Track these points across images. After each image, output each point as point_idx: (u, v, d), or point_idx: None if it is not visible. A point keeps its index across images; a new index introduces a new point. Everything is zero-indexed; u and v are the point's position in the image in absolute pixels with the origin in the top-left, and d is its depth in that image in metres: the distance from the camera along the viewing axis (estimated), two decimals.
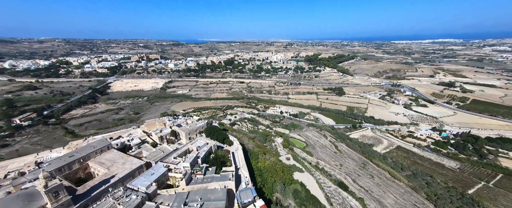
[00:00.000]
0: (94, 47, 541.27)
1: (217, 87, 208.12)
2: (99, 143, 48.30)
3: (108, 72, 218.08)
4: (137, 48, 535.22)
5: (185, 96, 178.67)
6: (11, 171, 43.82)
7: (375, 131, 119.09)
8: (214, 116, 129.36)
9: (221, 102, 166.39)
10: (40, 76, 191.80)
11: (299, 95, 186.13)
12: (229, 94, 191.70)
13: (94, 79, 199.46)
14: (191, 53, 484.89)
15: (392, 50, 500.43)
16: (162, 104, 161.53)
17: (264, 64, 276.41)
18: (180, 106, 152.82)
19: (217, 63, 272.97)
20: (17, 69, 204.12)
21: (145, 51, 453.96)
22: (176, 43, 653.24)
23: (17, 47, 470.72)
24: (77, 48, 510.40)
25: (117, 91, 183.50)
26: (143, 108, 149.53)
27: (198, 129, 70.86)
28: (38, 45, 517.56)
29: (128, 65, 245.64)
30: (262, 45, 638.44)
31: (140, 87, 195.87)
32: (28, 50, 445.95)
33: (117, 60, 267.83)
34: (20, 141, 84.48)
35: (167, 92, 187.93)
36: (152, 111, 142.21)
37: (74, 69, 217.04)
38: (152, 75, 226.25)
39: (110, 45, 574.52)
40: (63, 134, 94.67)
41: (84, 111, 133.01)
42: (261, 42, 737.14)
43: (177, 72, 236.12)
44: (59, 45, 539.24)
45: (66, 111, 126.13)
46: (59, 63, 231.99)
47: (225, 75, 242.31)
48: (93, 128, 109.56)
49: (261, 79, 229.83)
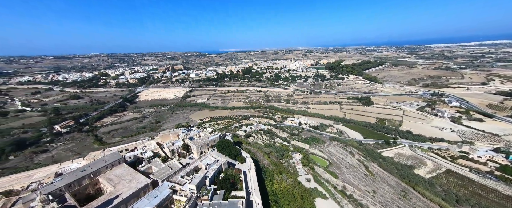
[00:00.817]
0: (130, 60, 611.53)
1: (235, 96, 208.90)
2: (111, 156, 48.36)
3: (138, 82, 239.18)
4: (165, 60, 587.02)
5: (204, 105, 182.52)
6: (34, 181, 46.10)
7: (414, 149, 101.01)
8: (229, 126, 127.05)
9: (237, 112, 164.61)
10: (84, 87, 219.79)
11: (319, 105, 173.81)
12: (246, 103, 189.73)
13: (126, 89, 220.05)
14: (212, 63, 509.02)
15: (428, 55, 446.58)
16: (182, 112, 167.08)
17: (282, 72, 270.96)
18: (198, 115, 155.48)
19: (235, 72, 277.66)
20: (67, 81, 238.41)
21: (171, 62, 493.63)
22: (199, 54, 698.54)
23: (72, 62, 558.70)
24: (117, 61, 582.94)
25: (144, 100, 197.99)
26: (164, 116, 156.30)
27: (210, 143, 67.87)
28: (88, 60, 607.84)
29: (155, 75, 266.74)
30: (281, 54, 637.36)
31: (163, 96, 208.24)
32: (79, 65, 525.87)
33: (146, 71, 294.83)
34: (57, 147, 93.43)
35: (187, 101, 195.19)
36: (172, 120, 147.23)
37: (111, 80, 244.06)
38: (175, 85, 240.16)
39: (143, 58, 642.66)
40: (92, 141, 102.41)
41: (114, 118, 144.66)
42: (279, 51, 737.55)
43: (197, 82, 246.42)
44: (103, 60, 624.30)
45: (99, 118, 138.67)
46: (99, 75, 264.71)
47: (243, 84, 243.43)
48: (119, 135, 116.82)
49: (279, 88, 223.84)
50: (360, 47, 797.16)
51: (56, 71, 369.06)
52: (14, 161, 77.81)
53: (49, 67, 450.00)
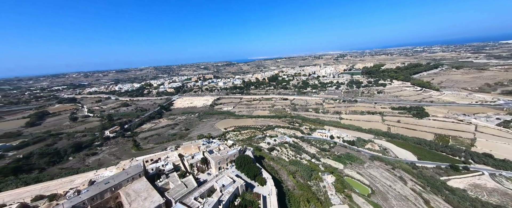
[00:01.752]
0: (171, 71, 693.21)
1: (260, 104, 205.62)
2: (133, 169, 49.71)
3: (174, 91, 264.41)
4: (198, 70, 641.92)
5: (229, 113, 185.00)
6: (73, 187, 51.09)
7: (500, 180, 74.31)
8: (252, 137, 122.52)
9: (262, 121, 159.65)
10: (132, 96, 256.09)
11: (355, 116, 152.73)
12: (271, 111, 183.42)
13: (164, 97, 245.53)
14: (240, 71, 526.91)
15: (505, 53, 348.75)
16: (209, 120, 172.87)
17: (311, 79, 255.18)
18: (223, 124, 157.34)
19: (261, 80, 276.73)
20: (121, 91, 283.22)
21: (203, 72, 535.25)
22: (229, 63, 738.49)
23: (128, 75, 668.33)
24: (160, 73, 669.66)
25: (177, 107, 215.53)
26: (192, 124, 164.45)
27: (229, 158, 64.18)
28: (139, 72, 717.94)
29: (188, 85, 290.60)
30: (309, 59, 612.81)
31: (194, 104, 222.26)
32: (133, 76, 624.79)
33: (181, 81, 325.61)
34: (104, 151, 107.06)
35: (214, 109, 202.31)
36: (199, 128, 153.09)
37: (153, 90, 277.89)
38: (204, 93, 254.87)
39: (181, 69, 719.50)
40: (131, 146, 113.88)
41: (151, 125, 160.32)
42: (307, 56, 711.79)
43: (225, 90, 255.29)
44: (150, 72, 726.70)
45: (139, 125, 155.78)
46: (145, 85, 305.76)
47: (268, 91, 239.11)
48: (153, 141, 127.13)
49: (307, 96, 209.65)
50: (404, 48, 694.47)
51: (116, 82, 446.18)
52: (71, 162, 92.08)
53: (111, 79, 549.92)
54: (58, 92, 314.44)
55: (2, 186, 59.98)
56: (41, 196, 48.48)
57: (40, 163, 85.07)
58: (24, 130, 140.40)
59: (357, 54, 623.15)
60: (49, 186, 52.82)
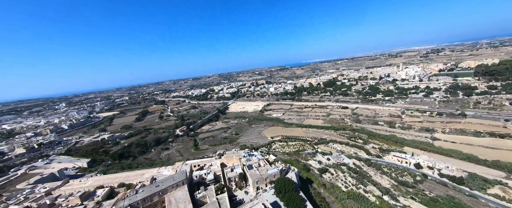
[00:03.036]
0: (231, 77, 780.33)
1: (312, 112, 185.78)
2: (179, 175, 54.45)
3: (230, 96, 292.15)
4: (254, 75, 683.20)
5: (278, 121, 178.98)
6: (141, 181, 63.17)
7: None
8: (300, 151, 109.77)
9: (313, 132, 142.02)
10: (199, 100, 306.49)
11: (463, 137, 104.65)
12: (325, 121, 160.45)
13: (222, 102, 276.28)
14: (293, 76, 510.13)
15: None
16: (257, 126, 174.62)
17: (383, 83, 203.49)
18: (270, 131, 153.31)
19: (315, 85, 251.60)
20: (193, 95, 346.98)
21: (258, 77, 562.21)
22: (282, 68, 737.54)
23: (200, 82, 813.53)
24: (222, 79, 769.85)
25: (231, 112, 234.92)
26: (242, 129, 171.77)
27: (268, 177, 58.15)
28: (208, 79, 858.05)
29: (243, 90, 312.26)
30: (380, 59, 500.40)
31: (246, 109, 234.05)
32: (203, 83, 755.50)
33: (237, 86, 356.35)
34: (173, 147, 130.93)
35: (264, 115, 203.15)
36: (247, 133, 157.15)
37: (214, 95, 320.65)
38: (256, 99, 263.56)
39: (239, 75, 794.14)
40: (191, 145, 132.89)
41: (209, 127, 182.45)
42: (378, 56, 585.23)
43: (275, 96, 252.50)
44: (215, 78, 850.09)
45: (201, 126, 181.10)
46: (209, 91, 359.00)
47: (324, 98, 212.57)
48: (208, 143, 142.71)
49: (376, 105, 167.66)
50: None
51: (191, 88, 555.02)
52: (152, 153, 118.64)
53: (189, 85, 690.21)
54: (156, 96, 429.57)
55: (110, 168, 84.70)
56: (123, 184, 62.90)
57: (134, 151, 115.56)
58: (133, 124, 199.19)
59: (463, 47, 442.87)
60: (128, 176, 68.18)
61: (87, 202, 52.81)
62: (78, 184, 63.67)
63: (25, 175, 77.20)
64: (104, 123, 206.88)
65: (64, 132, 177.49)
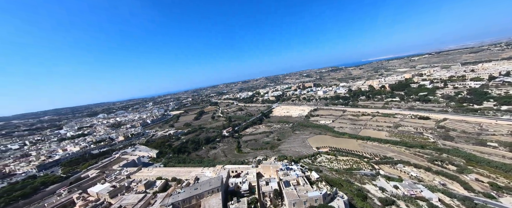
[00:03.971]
0: (277, 80, 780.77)
1: (373, 121, 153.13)
2: (215, 181, 56.27)
3: (275, 99, 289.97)
4: (301, 77, 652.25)
5: (326, 128, 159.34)
6: (188, 178, 70.62)
7: None
8: (353, 169, 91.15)
9: (373, 147, 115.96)
10: (246, 102, 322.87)
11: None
12: (392, 134, 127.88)
13: (266, 105, 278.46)
14: (348, 77, 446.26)
15: None
16: (302, 133, 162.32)
17: (498, 85, 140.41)
18: (316, 140, 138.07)
19: (378, 88, 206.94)
20: (240, 98, 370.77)
21: (305, 80, 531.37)
22: (335, 68, 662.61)
23: (248, 84, 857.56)
24: (269, 82, 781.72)
25: (275, 115, 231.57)
26: (285, 135, 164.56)
27: (308, 202, 50.15)
28: (255, 82, 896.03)
29: (288, 93, 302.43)
30: (491, 51, 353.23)
31: (290, 114, 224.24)
32: (251, 85, 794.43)
33: (283, 89, 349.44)
34: (219, 147, 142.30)
35: (309, 121, 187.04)
36: (290, 140, 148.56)
37: (259, 98, 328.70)
38: (301, 103, 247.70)
39: (285, 78, 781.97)
40: (235, 147, 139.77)
41: (252, 130, 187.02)
42: (485, 47, 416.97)
43: (324, 100, 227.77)
44: (262, 81, 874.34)
45: (245, 128, 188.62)
46: (255, 94, 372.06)
47: (390, 104, 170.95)
48: (250, 146, 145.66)
49: (482, 117, 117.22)
50: None
51: (240, 91, 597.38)
52: (202, 151, 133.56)
53: (238, 88, 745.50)
54: (211, 98, 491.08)
55: (170, 160, 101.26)
56: (175, 178, 72.61)
57: (189, 148, 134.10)
58: (192, 122, 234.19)
59: None
60: (180, 171, 78.20)
61: (148, 190, 64.11)
62: (146, 172, 79.39)
63: (119, 158, 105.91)
64: (173, 120, 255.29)
65: (148, 125, 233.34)
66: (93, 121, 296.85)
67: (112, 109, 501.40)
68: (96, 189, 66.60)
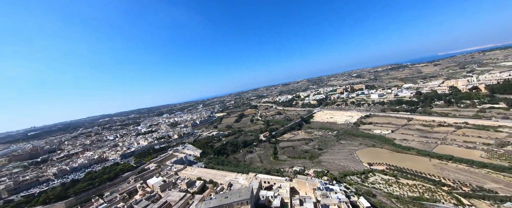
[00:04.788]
0: (321, 82, 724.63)
1: (457, 135, 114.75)
2: (245, 192, 54.74)
3: (316, 103, 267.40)
4: (350, 78, 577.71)
5: (383, 140, 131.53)
6: (222, 183, 72.94)
7: None
8: (423, 200, 69.19)
9: (458, 172, 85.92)
10: (285, 106, 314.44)
11: None
12: (493, 156, 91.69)
13: (307, 109, 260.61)
14: (417, 76, 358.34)
15: None
16: (349, 143, 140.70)
17: None
18: (368, 154, 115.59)
19: (466, 90, 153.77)
20: (279, 101, 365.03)
21: (355, 81, 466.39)
22: (396, 66, 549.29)
23: (288, 87, 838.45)
24: (311, 84, 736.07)
25: (316, 121, 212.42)
26: (327, 144, 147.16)
27: None
28: (296, 85, 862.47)
29: (332, 96, 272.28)
30: None
31: (334, 120, 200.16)
32: (291, 88, 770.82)
33: (326, 92, 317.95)
34: (256, 152, 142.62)
35: (359, 130, 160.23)
36: (333, 151, 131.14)
37: (299, 101, 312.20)
38: (349, 107, 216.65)
39: (330, 79, 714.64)
40: (271, 153, 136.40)
41: (290, 136, 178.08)
42: None
43: (379, 105, 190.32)
44: (303, 84, 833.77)
45: (282, 133, 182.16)
46: (295, 97, 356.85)
47: (488, 112, 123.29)
48: (287, 153, 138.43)
49: None
50: None
51: (279, 94, 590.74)
52: (239, 154, 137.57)
53: (278, 91, 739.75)
54: (251, 101, 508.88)
55: (210, 161, 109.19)
56: (211, 180, 76.81)
57: (228, 150, 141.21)
58: (233, 124, 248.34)
59: None
60: (216, 174, 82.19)
61: (189, 189, 70.28)
62: (189, 171, 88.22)
63: (171, 155, 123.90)
64: (216, 122, 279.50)
65: (196, 125, 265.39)
66: (159, 119, 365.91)
67: (173, 109, 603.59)
68: (152, 181, 79.09)
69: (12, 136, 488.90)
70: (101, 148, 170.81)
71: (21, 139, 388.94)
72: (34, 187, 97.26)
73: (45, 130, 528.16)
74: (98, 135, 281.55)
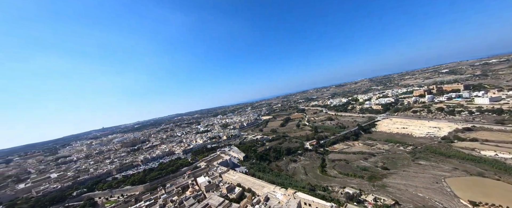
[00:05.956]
0: (388, 81, 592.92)
1: None
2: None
3: (381, 109, 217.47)
4: (436, 75, 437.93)
5: (501, 168, 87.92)
6: (259, 195, 70.24)
7: None
8: None
9: None
10: (338, 111, 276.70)
11: None
12: None
13: (367, 115, 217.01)
14: None
15: None
16: (433, 165, 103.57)
17: None
18: (469, 186, 79.84)
19: None
20: (331, 105, 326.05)
21: (446, 79, 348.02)
22: None
23: (343, 88, 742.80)
24: (375, 84, 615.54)
25: (380, 131, 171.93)
26: (396, 162, 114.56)
27: None
28: (353, 86, 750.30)
29: (405, 100, 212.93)
30: None
31: (408, 131, 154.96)
32: (347, 90, 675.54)
33: (396, 95, 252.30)
34: (300, 161, 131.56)
35: (453, 148, 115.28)
36: (408, 173, 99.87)
37: (357, 105, 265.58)
38: (434, 116, 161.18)
39: (404, 77, 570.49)
40: (318, 165, 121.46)
41: (343, 146, 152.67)
42: None
43: (491, 114, 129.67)
44: (364, 84, 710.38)
45: (333, 143, 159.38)
46: (351, 100, 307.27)
47: None
48: (338, 168, 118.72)
49: None
50: None
51: (332, 96, 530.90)
52: (282, 161, 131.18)
53: (330, 93, 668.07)
54: (299, 104, 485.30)
55: (252, 167, 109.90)
56: (250, 189, 76.01)
57: (271, 156, 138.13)
58: (278, 128, 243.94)
59: None
60: (255, 183, 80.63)
61: (229, 194, 72.49)
62: (231, 175, 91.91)
63: (218, 156, 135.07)
64: (262, 125, 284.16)
65: (243, 128, 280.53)
66: (214, 120, 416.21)
67: (226, 111, 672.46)
68: (201, 180, 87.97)
69: (126, 127, 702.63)
70: (171, 143, 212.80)
71: (129, 130, 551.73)
72: (129, 169, 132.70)
73: (143, 124, 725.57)
74: (171, 131, 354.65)
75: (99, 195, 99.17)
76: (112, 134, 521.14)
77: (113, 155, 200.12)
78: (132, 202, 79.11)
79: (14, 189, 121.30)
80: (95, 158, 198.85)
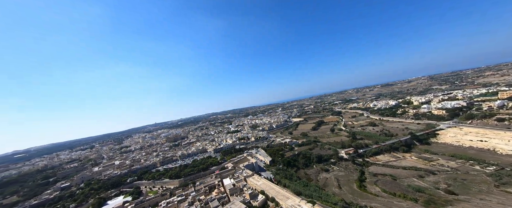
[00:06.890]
0: (459, 79, 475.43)
1: None
2: None
3: (446, 114, 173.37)
4: None
5: None
6: (283, 206, 65.46)
7: None
8: None
9: None
10: (383, 115, 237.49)
11: None
12: None
13: (424, 122, 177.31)
14: None
15: None
16: None
17: None
18: None
19: None
20: (374, 108, 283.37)
21: None
22: None
23: (392, 89, 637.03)
24: (437, 83, 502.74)
25: (444, 143, 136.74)
26: (470, 187, 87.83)
27: None
28: (406, 85, 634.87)
29: (485, 105, 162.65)
30: None
31: (491, 145, 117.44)
32: (397, 90, 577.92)
33: (468, 97, 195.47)
34: (333, 171, 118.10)
35: None
36: (487, 205, 74.55)
37: (410, 109, 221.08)
38: None
39: (480, 74, 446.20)
40: (355, 178, 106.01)
41: (389, 158, 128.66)
42: None
43: None
44: (422, 83, 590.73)
45: (375, 154, 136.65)
46: (401, 103, 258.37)
47: None
48: (382, 185, 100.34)
49: None
50: None
51: (376, 97, 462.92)
52: (312, 170, 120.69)
53: (375, 94, 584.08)
54: (334, 106, 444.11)
55: (278, 173, 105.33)
56: (273, 199, 72.26)
57: (300, 162, 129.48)
58: (309, 132, 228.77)
59: None
60: (279, 192, 76.07)
61: (252, 201, 70.91)
62: (256, 180, 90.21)
63: (245, 158, 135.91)
64: (292, 127, 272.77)
65: (272, 129, 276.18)
66: (244, 121, 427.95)
67: (257, 112, 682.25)
68: (226, 181, 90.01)
69: (171, 123, 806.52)
70: (204, 141, 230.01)
71: (174, 126, 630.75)
72: (169, 163, 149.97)
73: (185, 121, 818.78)
74: (206, 129, 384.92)
75: (144, 184, 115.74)
76: (161, 129, 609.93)
77: (159, 148, 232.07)
78: (167, 196, 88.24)
79: (91, 171, 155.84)
80: (146, 150, 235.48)
